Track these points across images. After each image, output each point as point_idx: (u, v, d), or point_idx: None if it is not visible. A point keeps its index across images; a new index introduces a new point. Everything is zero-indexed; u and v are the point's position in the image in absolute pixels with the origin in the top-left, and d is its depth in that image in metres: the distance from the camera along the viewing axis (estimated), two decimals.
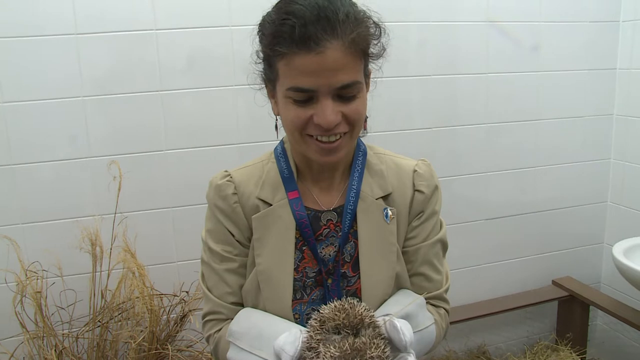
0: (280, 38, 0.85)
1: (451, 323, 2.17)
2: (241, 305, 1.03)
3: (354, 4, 0.89)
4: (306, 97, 0.87)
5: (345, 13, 0.84)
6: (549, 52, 2.22)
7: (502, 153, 2.26)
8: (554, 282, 2.43)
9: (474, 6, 2.08)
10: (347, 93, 0.87)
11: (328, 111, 0.86)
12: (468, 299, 2.33)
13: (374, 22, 0.92)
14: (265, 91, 1.00)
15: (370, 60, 0.94)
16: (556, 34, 2.21)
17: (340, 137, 0.91)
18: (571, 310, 2.38)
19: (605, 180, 2.45)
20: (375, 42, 0.93)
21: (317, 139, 0.90)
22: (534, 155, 2.31)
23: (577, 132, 2.35)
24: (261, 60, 0.96)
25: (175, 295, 1.80)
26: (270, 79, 0.94)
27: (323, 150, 0.91)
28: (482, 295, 2.36)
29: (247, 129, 1.89)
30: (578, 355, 2.29)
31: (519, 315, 2.42)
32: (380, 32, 0.93)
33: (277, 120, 1.01)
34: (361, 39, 0.87)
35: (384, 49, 0.95)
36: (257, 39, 0.94)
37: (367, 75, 0.95)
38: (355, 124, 0.91)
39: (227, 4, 1.80)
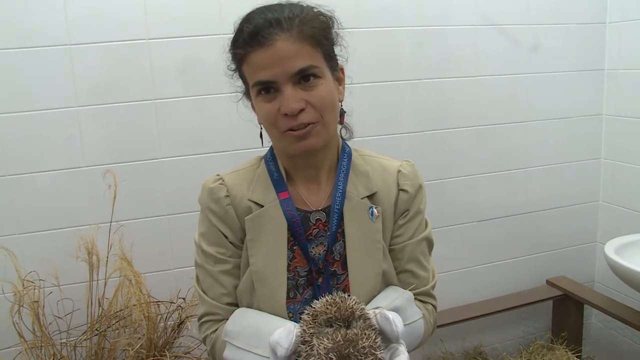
0: (237, 42, 0.95)
1: (447, 325, 2.20)
2: (236, 305, 1.05)
3: (303, 6, 0.96)
4: (269, 90, 0.93)
5: (290, 10, 0.93)
6: (538, 54, 2.25)
7: (493, 155, 2.28)
8: (548, 282, 2.45)
9: (463, 10, 2.11)
10: (306, 77, 0.92)
11: (289, 97, 0.91)
12: (463, 301, 2.34)
13: (322, 13, 0.98)
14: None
15: (325, 47, 0.98)
16: (544, 36, 2.24)
17: (311, 125, 0.95)
18: (566, 309, 2.40)
19: (597, 179, 2.48)
20: (326, 29, 0.98)
21: (290, 130, 0.94)
22: (525, 156, 2.33)
23: (567, 133, 2.38)
24: (236, 74, 1.03)
25: (172, 302, 1.81)
26: (247, 90, 1.02)
27: (296, 137, 0.95)
28: (477, 296, 2.37)
29: (241, 136, 1.90)
30: (573, 353, 2.30)
31: (514, 315, 2.43)
32: (333, 22, 1.00)
33: (261, 129, 1.05)
34: (309, 29, 0.93)
35: (337, 35, 1.01)
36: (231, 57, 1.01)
37: (334, 68, 1.00)
38: (323, 111, 0.95)
39: (217, 12, 1.82)
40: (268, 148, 1.11)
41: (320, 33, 0.95)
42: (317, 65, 0.93)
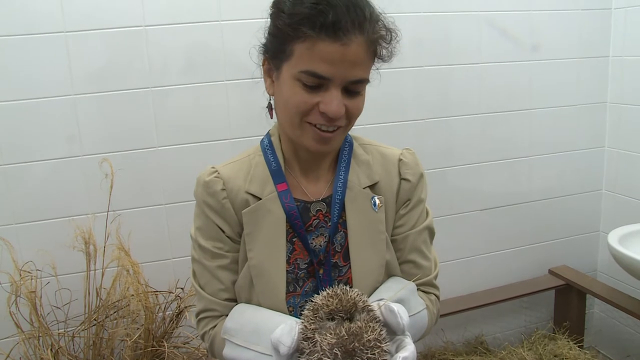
0: (308, 20, 0.83)
1: (448, 314, 2.19)
2: (234, 301, 1.02)
3: (377, 10, 0.91)
4: (317, 84, 0.87)
5: (370, 12, 0.87)
6: (542, 41, 2.21)
7: (496, 143, 2.25)
8: (551, 272, 2.44)
9: None
10: (355, 88, 0.89)
11: (336, 101, 0.87)
12: (465, 290, 2.33)
13: (387, 28, 0.93)
14: (257, 75, 0.98)
15: (376, 61, 0.94)
16: (548, 23, 2.20)
17: (338, 128, 0.92)
18: (568, 299, 2.39)
19: (600, 168, 2.45)
20: (386, 45, 0.93)
21: (316, 127, 0.90)
22: (528, 144, 2.31)
23: (571, 121, 2.35)
24: (269, 35, 0.93)
25: (170, 292, 1.80)
26: (277, 56, 0.91)
27: (320, 138, 0.91)
28: (479, 285, 2.36)
29: (239, 124, 1.88)
30: (575, 343, 2.29)
31: (516, 305, 2.42)
32: (391, 37, 0.94)
33: (270, 99, 1.00)
34: (377, 41, 0.89)
35: (392, 55, 0.95)
36: (270, 12, 0.92)
37: None
38: (352, 119, 0.93)
39: None
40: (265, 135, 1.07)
41: (382, 46, 0.92)
42: (369, 80, 0.91)
